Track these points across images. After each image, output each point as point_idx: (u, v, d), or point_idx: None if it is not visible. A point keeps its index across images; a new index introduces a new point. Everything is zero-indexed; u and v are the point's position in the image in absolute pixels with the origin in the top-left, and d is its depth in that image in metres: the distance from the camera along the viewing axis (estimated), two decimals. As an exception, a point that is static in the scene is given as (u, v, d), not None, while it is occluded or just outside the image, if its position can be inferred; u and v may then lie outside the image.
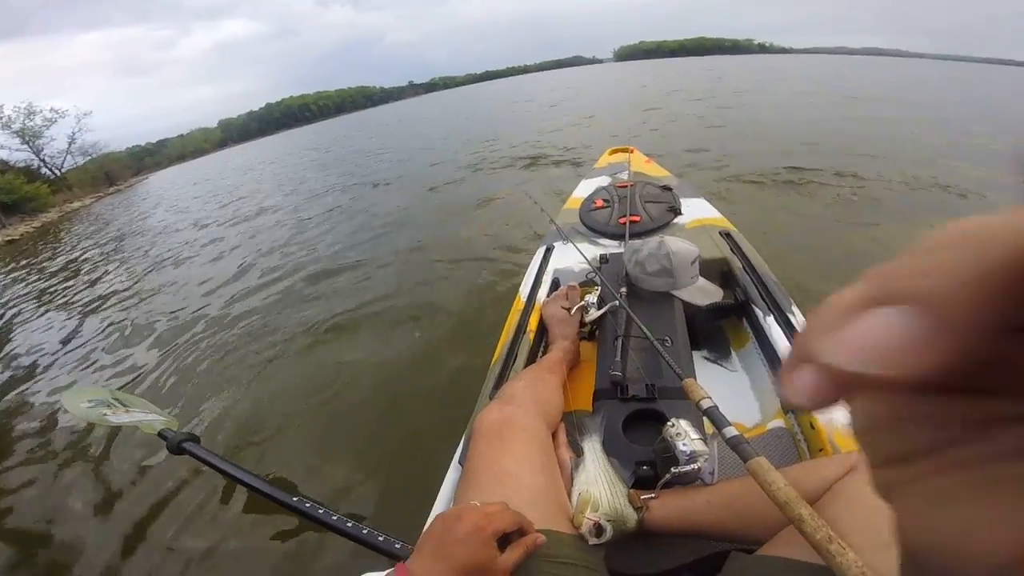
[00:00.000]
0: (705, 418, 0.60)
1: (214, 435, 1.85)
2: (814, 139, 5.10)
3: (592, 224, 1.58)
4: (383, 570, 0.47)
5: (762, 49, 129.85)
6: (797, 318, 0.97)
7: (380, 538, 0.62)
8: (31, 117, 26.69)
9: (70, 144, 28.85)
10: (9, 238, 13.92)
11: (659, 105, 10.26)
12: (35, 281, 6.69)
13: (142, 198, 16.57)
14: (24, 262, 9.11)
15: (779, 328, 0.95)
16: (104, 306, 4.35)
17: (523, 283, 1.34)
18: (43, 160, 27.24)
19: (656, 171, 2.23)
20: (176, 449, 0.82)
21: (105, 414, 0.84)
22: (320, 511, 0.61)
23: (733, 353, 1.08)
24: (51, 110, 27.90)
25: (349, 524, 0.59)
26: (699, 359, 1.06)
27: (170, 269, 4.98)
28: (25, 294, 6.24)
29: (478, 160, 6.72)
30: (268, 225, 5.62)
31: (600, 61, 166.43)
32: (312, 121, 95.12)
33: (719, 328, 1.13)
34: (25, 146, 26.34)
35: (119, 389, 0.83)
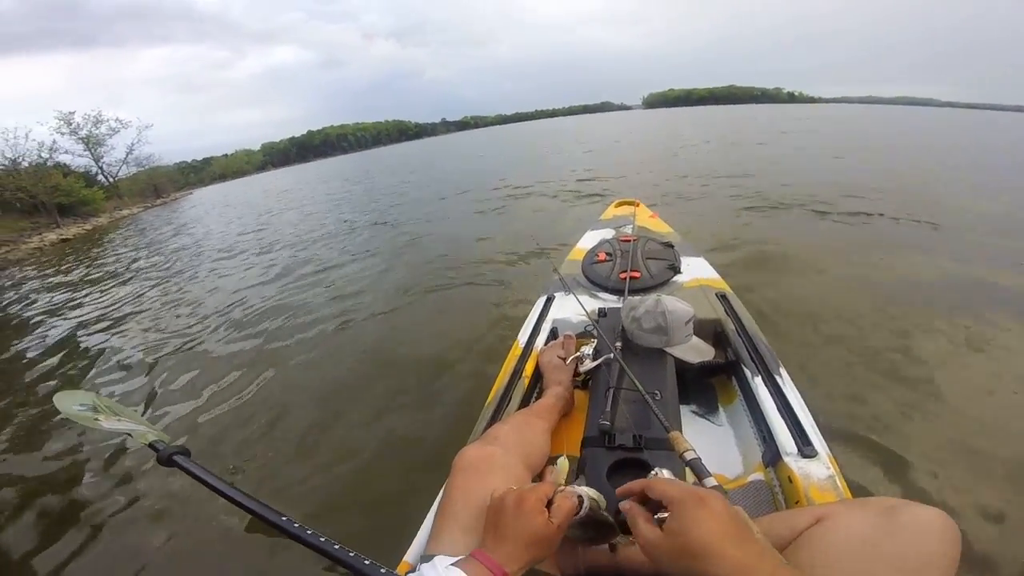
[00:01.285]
0: (688, 469, 0.62)
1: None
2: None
3: (593, 277, 1.62)
4: None
5: (791, 98, 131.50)
6: (784, 379, 1.02)
7: (367, 562, 0.60)
8: (97, 125, 28.16)
9: (127, 154, 30.31)
10: (63, 237, 14.47)
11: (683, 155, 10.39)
12: (72, 280, 7.05)
13: (185, 210, 17.42)
14: (72, 259, 9.58)
15: (766, 389, 0.99)
16: (134, 306, 4.62)
17: (522, 330, 1.37)
18: (101, 167, 28.70)
19: (660, 227, 2.27)
20: (166, 461, 0.80)
21: (97, 419, 0.84)
22: (308, 532, 0.62)
23: (720, 409, 1.11)
24: (116, 120, 29.37)
25: (336, 546, 0.58)
26: (687, 413, 1.10)
27: (199, 279, 5.35)
28: (67, 285, 6.66)
29: (503, 197, 6.90)
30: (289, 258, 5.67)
31: (629, 107, 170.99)
32: (348, 151, 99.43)
33: (709, 384, 1.17)
34: (87, 152, 27.73)
35: (111, 397, 0.90)
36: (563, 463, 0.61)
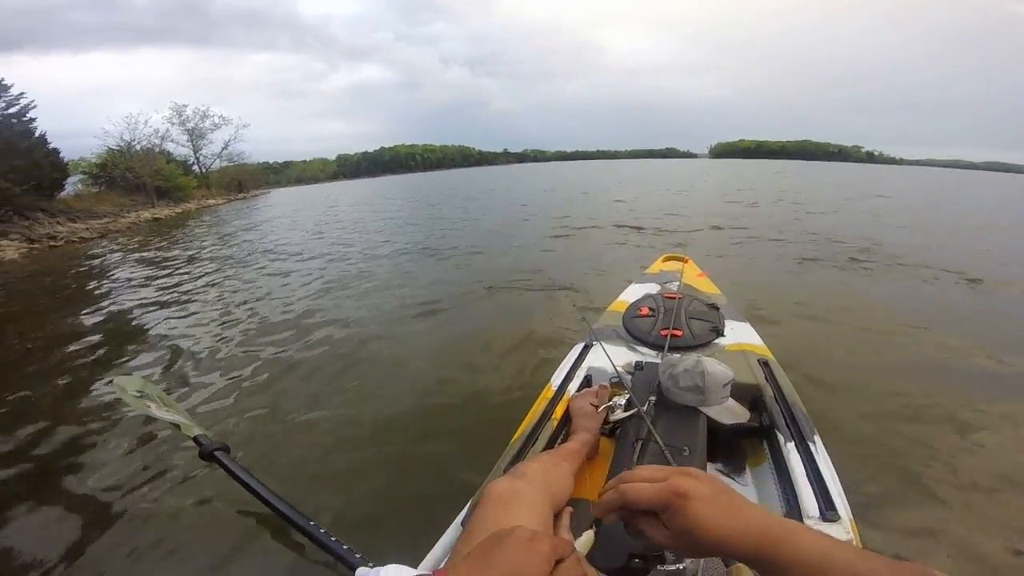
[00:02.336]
0: None
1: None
2: None
3: (634, 330, 1.61)
4: None
5: (870, 158, 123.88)
6: (818, 447, 1.01)
7: None
8: (204, 120, 31.24)
9: (223, 149, 33.19)
10: (156, 216, 15.83)
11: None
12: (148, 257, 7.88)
13: (261, 208, 18.54)
14: (163, 236, 10.38)
15: (798, 455, 0.98)
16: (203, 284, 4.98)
17: (556, 374, 1.39)
18: (198, 158, 31.54)
19: (707, 287, 2.24)
20: (207, 456, 0.83)
21: (149, 406, 0.87)
22: (332, 539, 0.65)
23: (748, 470, 1.11)
24: (220, 116, 32.37)
25: (357, 555, 0.66)
26: (713, 471, 1.09)
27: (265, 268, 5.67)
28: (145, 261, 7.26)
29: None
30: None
31: (695, 156, 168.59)
32: (414, 171, 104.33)
33: (739, 445, 1.16)
34: (189, 143, 30.67)
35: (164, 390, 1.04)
36: (589, 536, 0.55)
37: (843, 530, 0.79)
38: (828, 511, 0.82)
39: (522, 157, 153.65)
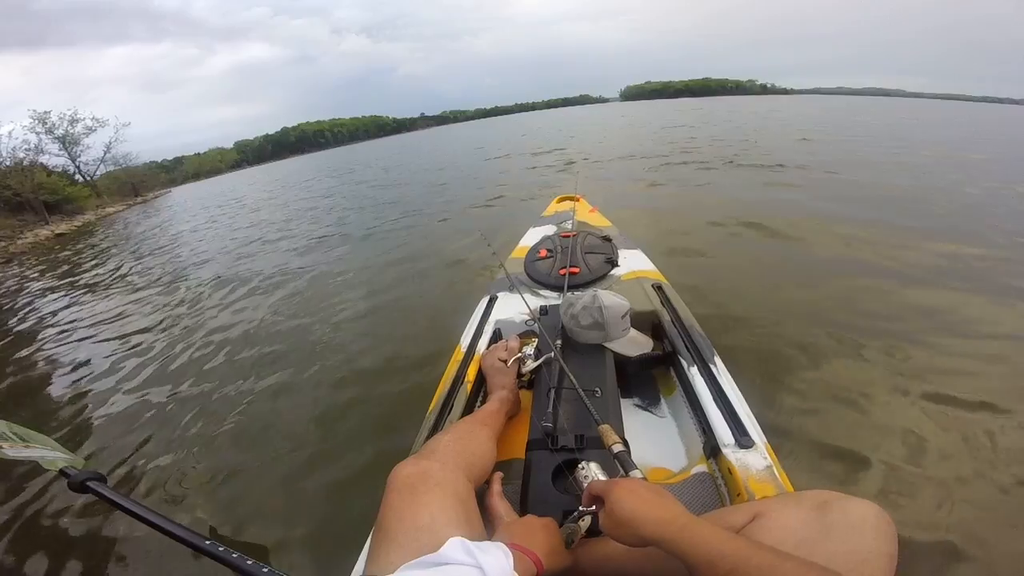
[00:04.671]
0: (616, 461, 0.70)
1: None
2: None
3: (535, 275, 1.61)
4: None
5: (764, 90, 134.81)
6: (718, 368, 1.04)
7: None
8: (73, 124, 27.74)
9: (105, 153, 29.90)
10: (57, 232, 14.75)
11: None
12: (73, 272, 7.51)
13: (164, 210, 17.03)
14: (72, 251, 9.82)
15: (702, 380, 1.00)
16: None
17: (464, 333, 1.34)
18: (78, 166, 28.29)
19: (599, 221, 2.30)
20: (79, 487, 0.77)
21: (1, 447, 0.78)
22: (234, 555, 0.59)
23: (662, 400, 1.13)
24: (92, 119, 28.91)
25: (265, 570, 0.57)
26: (630, 406, 1.11)
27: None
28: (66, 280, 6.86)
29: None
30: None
31: (606, 100, 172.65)
32: (325, 147, 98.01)
33: (649, 376, 1.18)
34: (63, 152, 27.29)
35: (20, 424, 0.87)
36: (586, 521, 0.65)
37: (760, 456, 0.80)
38: (742, 437, 0.83)
39: (441, 119, 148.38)
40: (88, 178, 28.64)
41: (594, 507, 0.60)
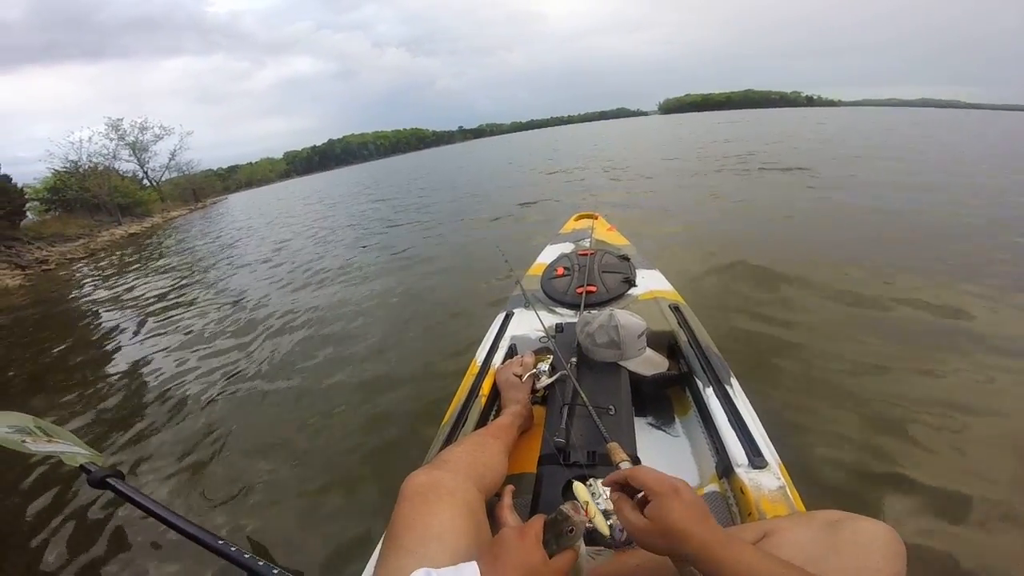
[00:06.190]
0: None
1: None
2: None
3: (551, 292, 1.63)
4: None
5: (809, 102, 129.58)
6: (735, 389, 1.04)
7: None
8: (143, 132, 30.02)
9: (170, 160, 32.10)
10: (130, 232, 15.88)
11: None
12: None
13: (224, 215, 18.06)
14: (146, 245, 10.58)
15: (717, 400, 1.01)
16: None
17: (480, 348, 1.37)
18: (146, 172, 30.51)
19: (617, 239, 2.30)
20: (99, 483, 0.79)
21: (24, 441, 0.80)
22: (245, 556, 0.60)
23: (676, 420, 1.13)
24: (160, 127, 31.20)
25: (276, 571, 0.58)
26: (644, 425, 1.12)
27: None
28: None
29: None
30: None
31: (645, 113, 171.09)
32: (368, 159, 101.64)
33: (664, 396, 1.19)
34: (133, 157, 29.53)
35: (50, 421, 0.90)
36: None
37: (773, 476, 0.80)
38: (756, 457, 0.83)
39: (479, 132, 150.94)
40: (154, 183, 30.76)
41: (611, 507, 0.54)
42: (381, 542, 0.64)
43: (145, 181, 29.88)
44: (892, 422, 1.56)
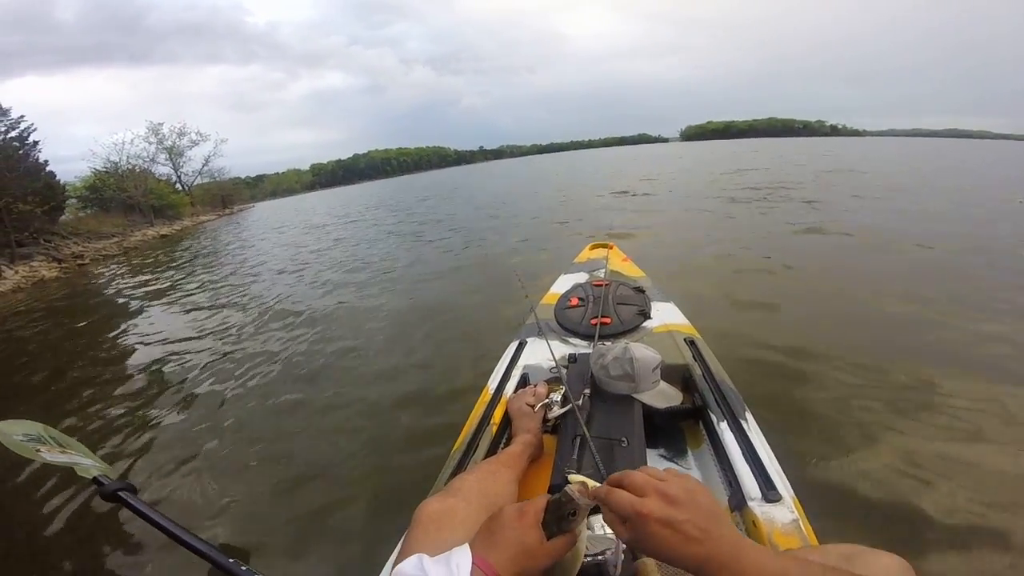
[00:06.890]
0: None
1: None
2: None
3: (565, 322, 1.63)
4: None
5: (834, 131, 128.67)
6: (749, 424, 1.04)
7: None
8: (181, 137, 30.67)
9: (203, 165, 32.89)
10: (162, 233, 16.26)
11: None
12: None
13: (253, 221, 18.47)
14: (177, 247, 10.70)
15: (731, 434, 1.01)
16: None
17: (492, 376, 1.37)
18: (179, 176, 31.28)
19: (632, 271, 2.28)
20: (110, 496, 0.78)
21: (39, 450, 0.80)
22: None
23: (689, 453, 1.13)
24: (197, 133, 31.81)
25: None
26: (655, 457, 1.12)
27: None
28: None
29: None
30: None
31: (666, 140, 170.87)
32: (391, 175, 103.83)
33: (677, 429, 1.19)
34: (169, 161, 30.19)
35: (58, 429, 0.86)
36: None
37: (786, 510, 0.80)
38: (769, 491, 0.83)
39: (499, 153, 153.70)
40: (186, 188, 31.61)
41: (601, 556, 0.53)
42: (390, 563, 0.66)
43: (178, 185, 30.70)
44: (911, 457, 1.55)
